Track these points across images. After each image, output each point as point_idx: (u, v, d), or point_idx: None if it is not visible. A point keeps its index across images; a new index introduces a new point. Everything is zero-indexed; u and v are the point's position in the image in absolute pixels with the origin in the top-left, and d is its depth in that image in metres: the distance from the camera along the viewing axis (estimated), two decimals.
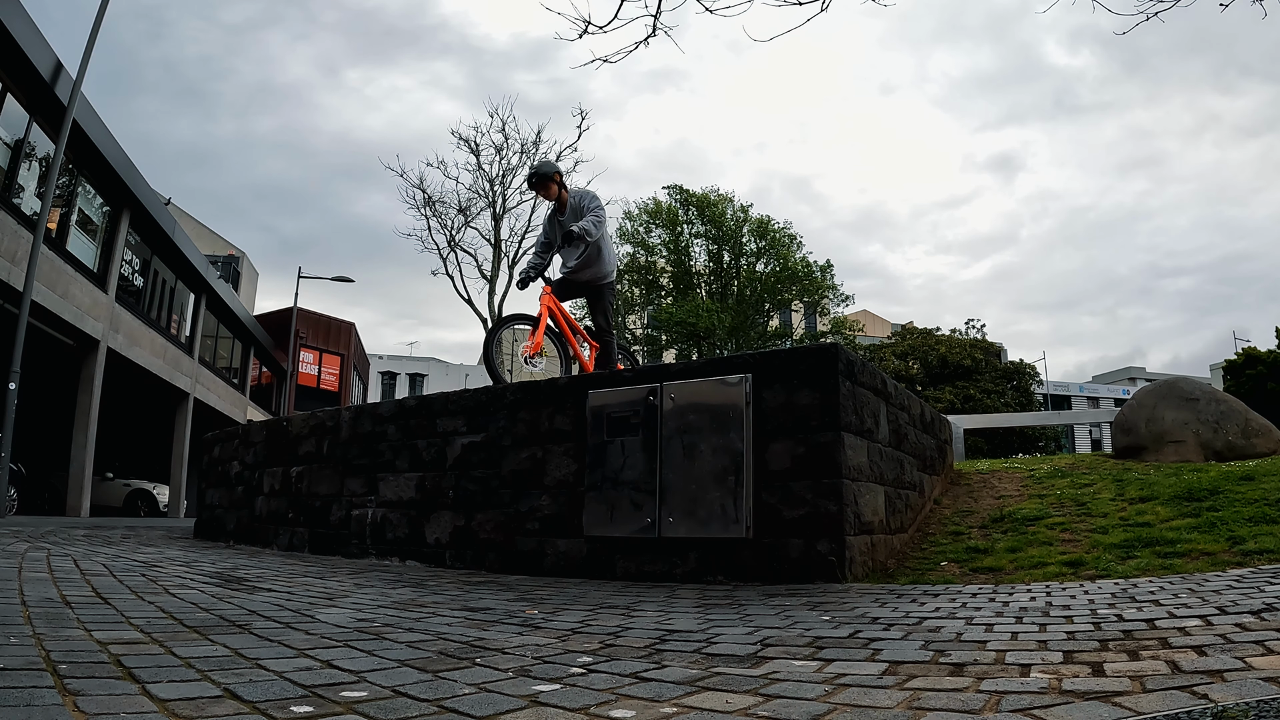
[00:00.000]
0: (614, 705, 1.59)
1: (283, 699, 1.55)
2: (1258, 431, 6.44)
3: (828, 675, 1.83)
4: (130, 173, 15.18)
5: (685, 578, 4.19)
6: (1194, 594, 2.80)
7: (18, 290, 11.21)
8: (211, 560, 5.01)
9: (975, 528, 4.90)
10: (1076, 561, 3.87)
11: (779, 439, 4.12)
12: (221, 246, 35.22)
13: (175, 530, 9.54)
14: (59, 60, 12.10)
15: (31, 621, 2.25)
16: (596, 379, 4.98)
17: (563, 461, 4.86)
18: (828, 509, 3.90)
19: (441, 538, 5.33)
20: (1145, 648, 1.97)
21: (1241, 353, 15.05)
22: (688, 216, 32.35)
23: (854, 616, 2.73)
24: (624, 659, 2.06)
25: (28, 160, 12.55)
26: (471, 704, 1.57)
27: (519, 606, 3.17)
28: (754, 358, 4.38)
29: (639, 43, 4.12)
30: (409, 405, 5.94)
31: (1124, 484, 5.38)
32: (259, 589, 3.50)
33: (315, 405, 26.11)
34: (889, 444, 4.76)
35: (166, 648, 2.00)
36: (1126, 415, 6.98)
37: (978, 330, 39.38)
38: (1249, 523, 4.07)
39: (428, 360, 55.38)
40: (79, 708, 1.39)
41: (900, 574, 4.13)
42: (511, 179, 23.23)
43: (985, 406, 32.15)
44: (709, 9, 4.04)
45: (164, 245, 18.19)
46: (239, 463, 7.59)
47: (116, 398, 17.52)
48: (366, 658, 2.00)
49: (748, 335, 31.25)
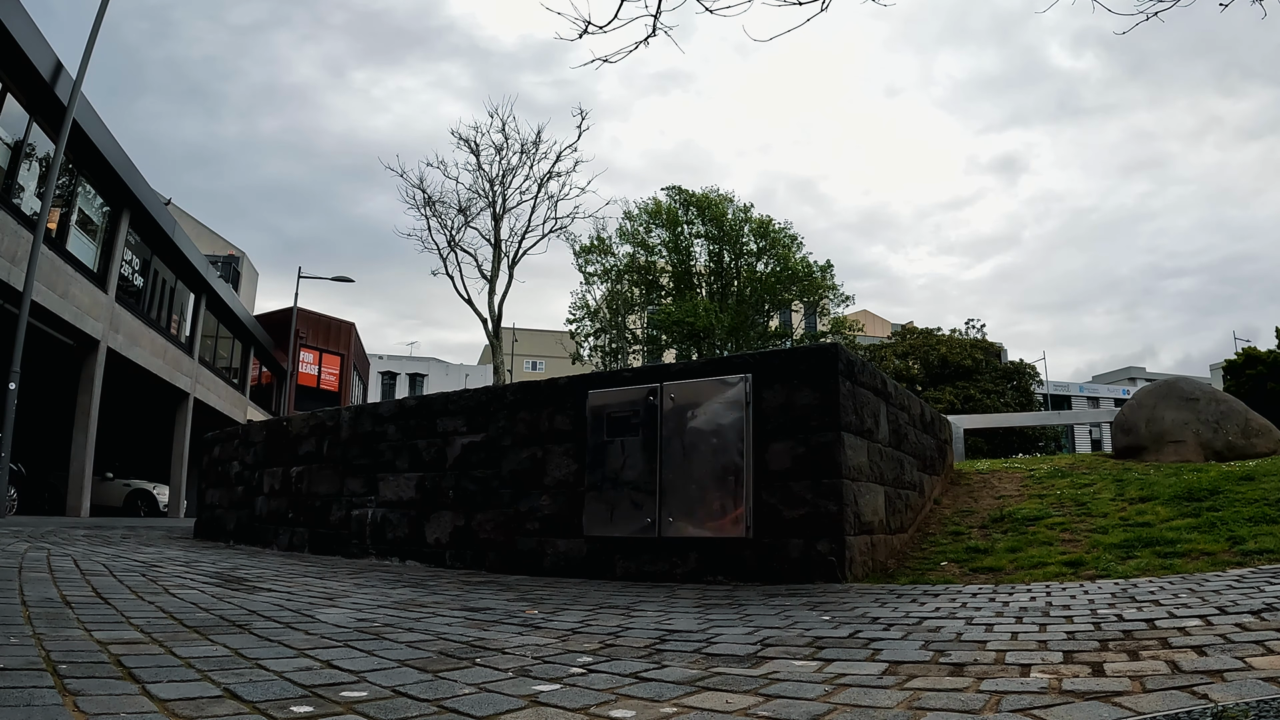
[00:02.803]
0: (614, 705, 1.59)
1: (283, 699, 1.55)
2: (1258, 431, 6.43)
3: (828, 675, 1.83)
4: (130, 173, 15.18)
5: (685, 578, 4.19)
6: (1194, 594, 2.80)
7: (18, 290, 11.20)
8: (211, 560, 5.01)
9: (975, 528, 4.90)
10: (1076, 561, 3.87)
11: (779, 439, 4.12)
12: (221, 246, 35.22)
13: (175, 530, 9.54)
14: (59, 60, 12.10)
15: (32, 621, 2.25)
16: (597, 379, 4.98)
17: (563, 461, 4.86)
18: (828, 509, 3.90)
19: (441, 538, 5.33)
20: (1145, 648, 1.97)
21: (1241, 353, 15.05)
22: (688, 217, 32.34)
23: (854, 616, 2.73)
24: (624, 659, 2.06)
25: (28, 160, 12.54)
26: (471, 704, 1.57)
27: (519, 606, 3.17)
28: (754, 358, 4.38)
29: (639, 43, 4.12)
30: (409, 405, 5.94)
31: (1124, 484, 5.38)
32: (259, 589, 3.50)
33: (315, 405, 26.11)
34: (889, 444, 4.76)
35: (166, 648, 1.99)
36: (1126, 415, 6.98)
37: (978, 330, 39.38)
38: (1249, 523, 4.07)
39: (428, 360, 55.39)
40: (79, 708, 1.39)
41: (900, 574, 4.13)
42: (511, 179, 23.22)
43: (985, 407, 32.15)
44: (709, 9, 4.04)
45: (164, 245, 18.19)
46: (239, 463, 7.59)
47: (116, 398, 17.52)
48: (366, 658, 2.00)
49: (748, 335, 31.24)
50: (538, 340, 51.75)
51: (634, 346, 32.50)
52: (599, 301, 32.61)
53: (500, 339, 21.78)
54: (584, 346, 32.27)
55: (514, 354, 42.00)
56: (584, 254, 31.35)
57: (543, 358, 51.97)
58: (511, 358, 38.47)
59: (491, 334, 21.30)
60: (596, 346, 32.49)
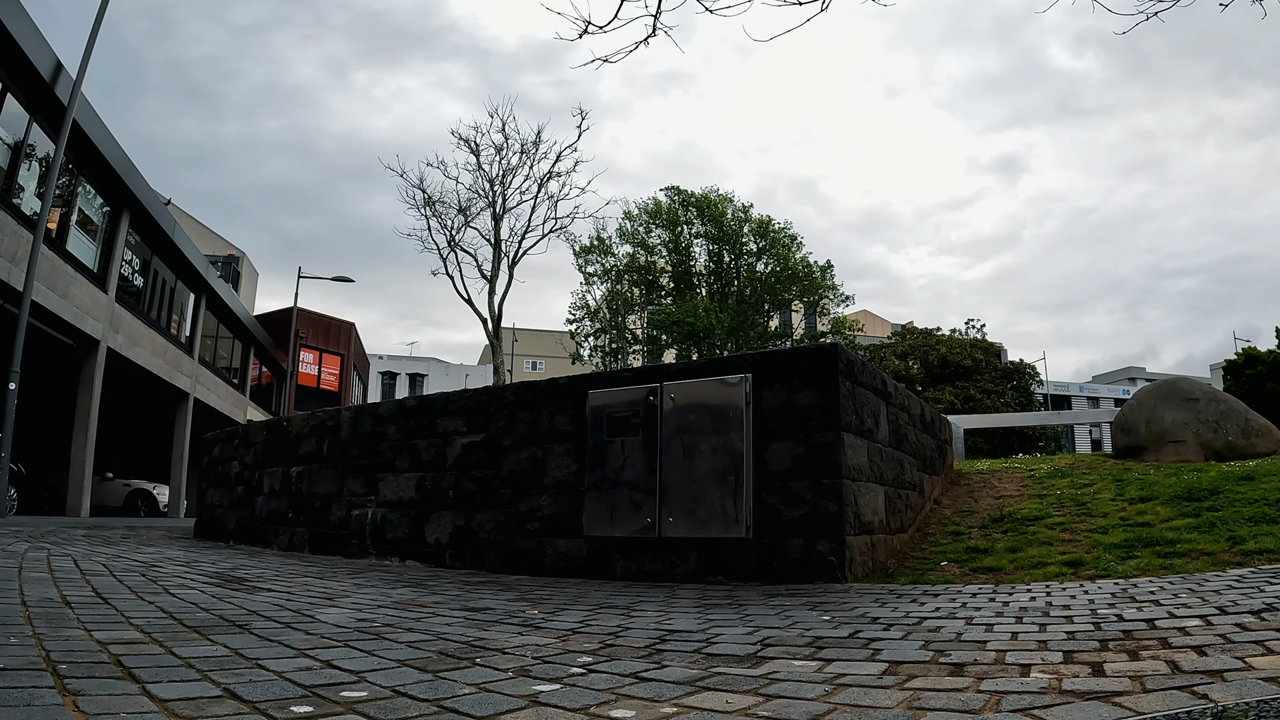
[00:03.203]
0: (614, 705, 1.59)
1: (283, 699, 1.55)
2: (1258, 431, 6.43)
3: (828, 675, 1.83)
4: (130, 173, 15.18)
5: (685, 578, 4.19)
6: (1194, 594, 2.80)
7: (18, 290, 11.20)
8: (211, 560, 5.01)
9: (975, 528, 4.90)
10: (1076, 561, 3.87)
11: (779, 439, 4.12)
12: (221, 246, 35.21)
13: (175, 530, 9.53)
14: (59, 60, 12.10)
15: (32, 621, 2.25)
16: (597, 379, 4.98)
17: (563, 461, 4.86)
18: (827, 509, 3.90)
19: (441, 538, 5.33)
20: (1145, 648, 1.97)
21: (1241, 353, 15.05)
22: (687, 217, 32.33)
23: (854, 616, 2.73)
24: (624, 659, 2.06)
25: (28, 160, 12.55)
26: (471, 704, 1.57)
27: (519, 606, 3.17)
28: (754, 358, 4.38)
29: (639, 43, 4.12)
30: (409, 405, 5.94)
31: (1124, 484, 5.38)
32: (259, 589, 3.50)
33: (315, 405, 26.11)
34: (889, 444, 4.76)
35: (166, 648, 1.99)
36: (1126, 415, 6.98)
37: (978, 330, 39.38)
38: (1249, 523, 4.06)
39: (428, 360, 55.38)
40: (79, 707, 1.39)
41: (900, 574, 4.13)
42: (511, 179, 23.20)
43: (985, 407, 32.15)
44: (708, 8, 4.04)
45: (164, 245, 18.19)
46: (239, 463, 7.59)
47: (116, 398, 17.52)
48: (366, 658, 2.00)
49: (747, 335, 31.23)
50: (538, 340, 51.74)
51: (634, 347, 32.49)
52: (599, 301, 32.61)
53: (500, 339, 21.77)
54: (584, 346, 32.27)
55: (514, 354, 41.96)
56: (584, 254, 31.36)
57: (543, 358, 51.96)
58: (511, 358, 38.43)
59: (491, 334, 21.29)
60: (596, 346, 32.50)
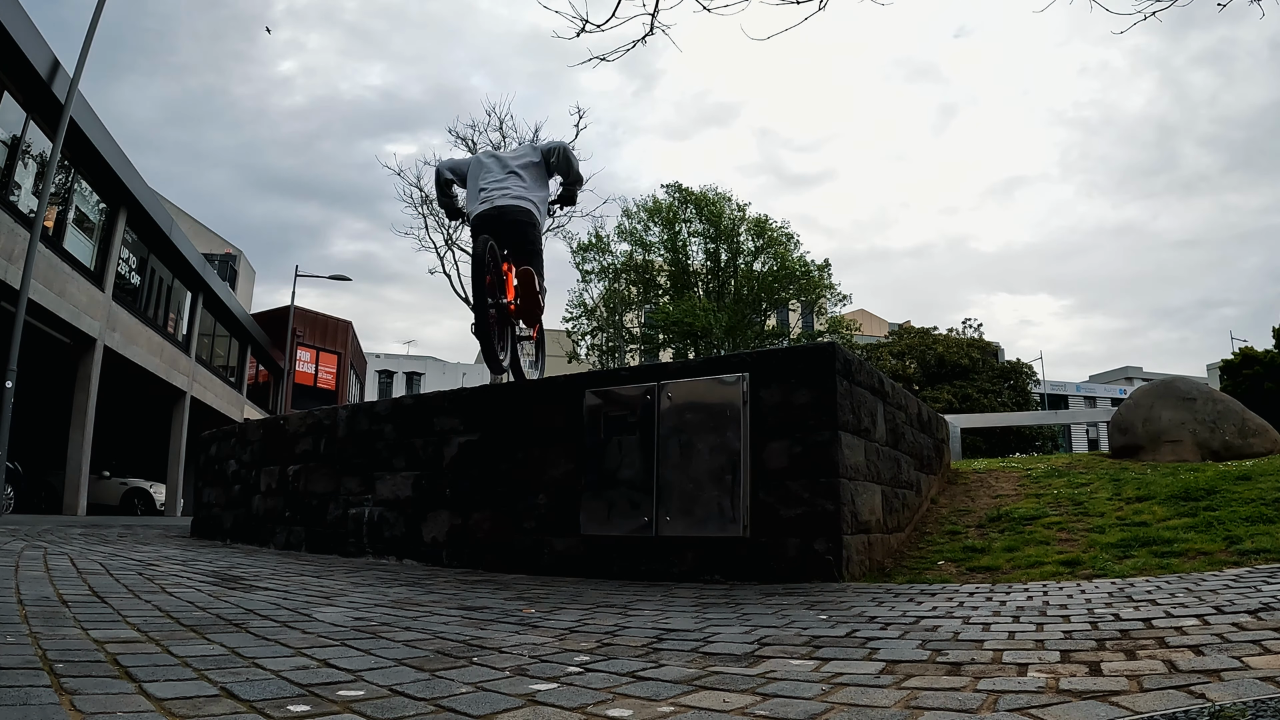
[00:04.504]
0: (611, 704, 1.58)
1: (280, 698, 1.55)
2: (1254, 431, 6.45)
3: (825, 674, 1.83)
4: (127, 170, 15.15)
5: (682, 577, 4.19)
6: (1191, 593, 2.80)
7: (14, 288, 11.18)
8: (208, 559, 5.00)
9: (972, 527, 4.90)
10: (1073, 561, 3.88)
11: (776, 438, 4.12)
12: (219, 245, 35.17)
13: (172, 529, 9.52)
14: (56, 58, 12.07)
15: (28, 620, 2.24)
16: (594, 377, 4.97)
17: (560, 461, 4.85)
18: (824, 508, 3.90)
19: (438, 536, 5.33)
20: (1142, 647, 1.97)
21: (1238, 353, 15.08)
22: (686, 215, 32.33)
23: (851, 616, 2.73)
24: (621, 658, 2.06)
25: (24, 158, 12.52)
26: (469, 703, 1.57)
27: (516, 605, 3.17)
28: (751, 357, 4.38)
29: (636, 41, 4.12)
30: (406, 404, 5.93)
31: (1121, 483, 5.39)
32: (256, 587, 3.50)
33: (312, 404, 26.05)
34: (886, 443, 4.76)
35: (163, 646, 1.99)
36: (1123, 415, 6.99)
37: (975, 330, 39.43)
38: (1246, 522, 4.07)
39: (425, 359, 55.33)
40: (76, 707, 1.38)
41: (897, 573, 4.13)
42: None
43: (982, 406, 32.21)
44: (706, 8, 4.04)
45: (161, 243, 18.15)
46: (236, 461, 7.58)
47: (113, 396, 17.48)
48: (364, 656, 2.00)
49: (745, 334, 31.24)
50: None
51: (631, 345, 32.50)
52: (596, 300, 32.60)
53: None
54: (581, 345, 32.26)
55: None
56: (581, 252, 31.36)
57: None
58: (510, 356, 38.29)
59: None
60: (594, 345, 32.49)
